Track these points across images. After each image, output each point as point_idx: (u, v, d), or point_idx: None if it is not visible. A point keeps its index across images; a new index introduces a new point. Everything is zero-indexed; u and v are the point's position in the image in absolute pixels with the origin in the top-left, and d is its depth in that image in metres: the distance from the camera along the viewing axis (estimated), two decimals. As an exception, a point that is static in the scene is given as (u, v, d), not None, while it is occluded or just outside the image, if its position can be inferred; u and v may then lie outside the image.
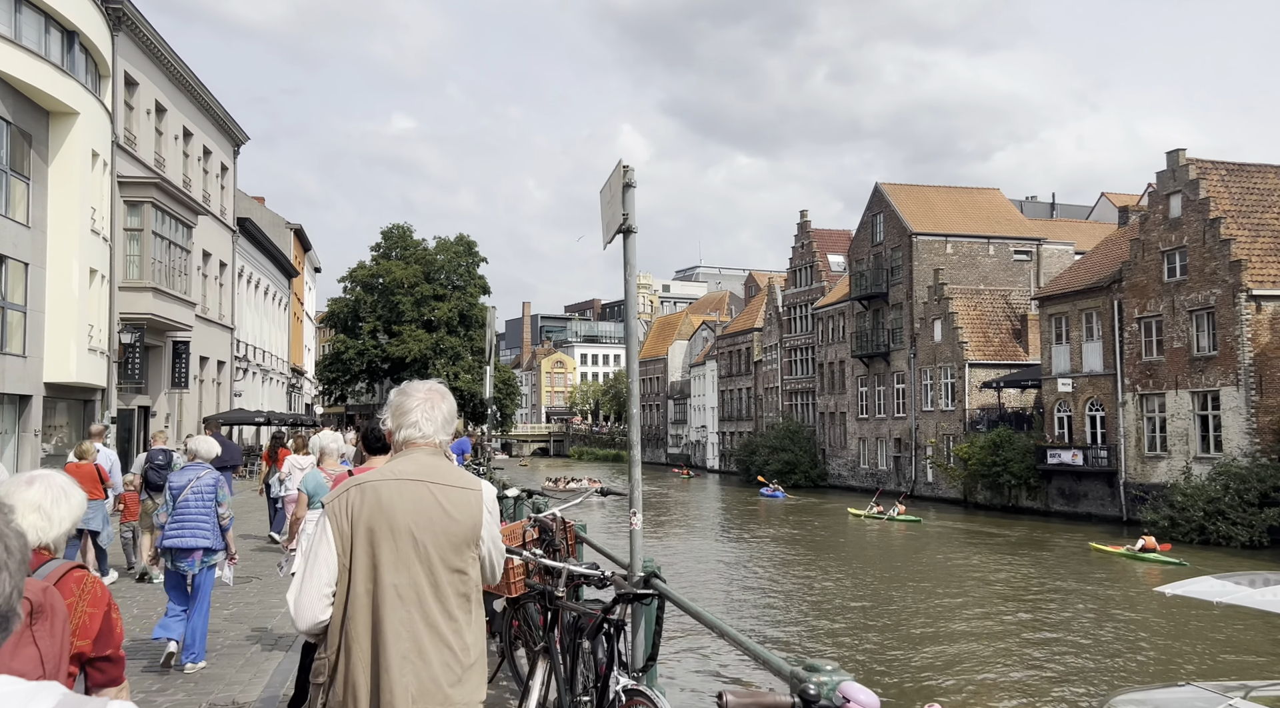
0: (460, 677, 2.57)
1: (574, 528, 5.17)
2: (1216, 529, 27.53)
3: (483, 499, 2.72)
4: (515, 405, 79.42)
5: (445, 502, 2.63)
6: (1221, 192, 31.31)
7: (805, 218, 62.27)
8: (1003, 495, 39.52)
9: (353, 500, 2.59)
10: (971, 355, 43.42)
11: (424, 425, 2.76)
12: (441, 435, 2.79)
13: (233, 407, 33.51)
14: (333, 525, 2.58)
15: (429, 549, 2.58)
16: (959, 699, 13.55)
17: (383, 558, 2.54)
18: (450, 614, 2.58)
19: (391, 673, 2.48)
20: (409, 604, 2.54)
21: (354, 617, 2.52)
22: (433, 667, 2.53)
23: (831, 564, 26.74)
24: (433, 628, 2.55)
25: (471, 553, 2.66)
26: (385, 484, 2.62)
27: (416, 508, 2.60)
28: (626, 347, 3.65)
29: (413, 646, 2.52)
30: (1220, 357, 30.02)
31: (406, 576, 2.55)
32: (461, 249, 71.05)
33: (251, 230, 36.94)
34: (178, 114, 28.56)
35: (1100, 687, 13.88)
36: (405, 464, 2.69)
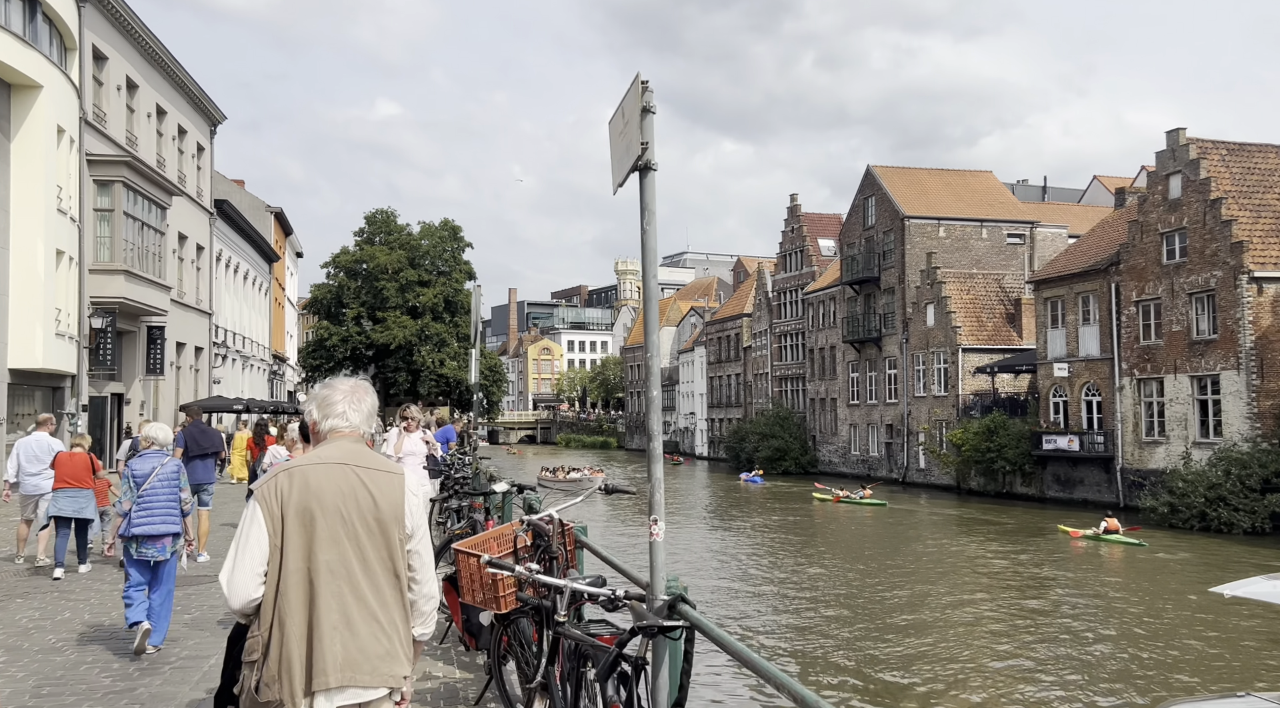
0: (388, 650, 2.70)
1: (574, 531, 4.44)
2: (1218, 516, 27.07)
3: (405, 482, 2.87)
4: (502, 393, 78.55)
5: (369, 483, 2.78)
6: (1222, 172, 30.75)
7: (795, 202, 61.53)
8: (997, 482, 39.04)
9: (282, 484, 2.73)
10: (965, 340, 42.87)
11: (351, 416, 2.92)
12: (364, 427, 2.94)
13: (211, 394, 32.60)
14: (264, 509, 2.70)
15: (356, 528, 2.72)
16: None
17: (315, 535, 2.68)
18: (379, 590, 2.72)
19: (323, 643, 2.61)
20: (339, 579, 2.68)
21: (286, 593, 2.65)
22: (361, 638, 2.66)
23: (812, 553, 26.25)
24: (361, 602, 2.69)
25: (397, 533, 2.79)
26: (312, 468, 2.77)
27: (342, 489, 2.74)
28: (645, 313, 2.93)
29: (342, 618, 2.65)
30: (1221, 340, 29.51)
31: (336, 552, 2.69)
32: (446, 234, 70.00)
33: (230, 213, 35.93)
34: (150, 91, 27.53)
35: (1142, 695, 13.29)
36: (330, 450, 2.85)
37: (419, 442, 9.68)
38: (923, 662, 14.66)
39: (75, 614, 8.40)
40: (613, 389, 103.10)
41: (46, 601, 9.02)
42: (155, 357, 26.97)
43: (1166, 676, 13.91)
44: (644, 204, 2.92)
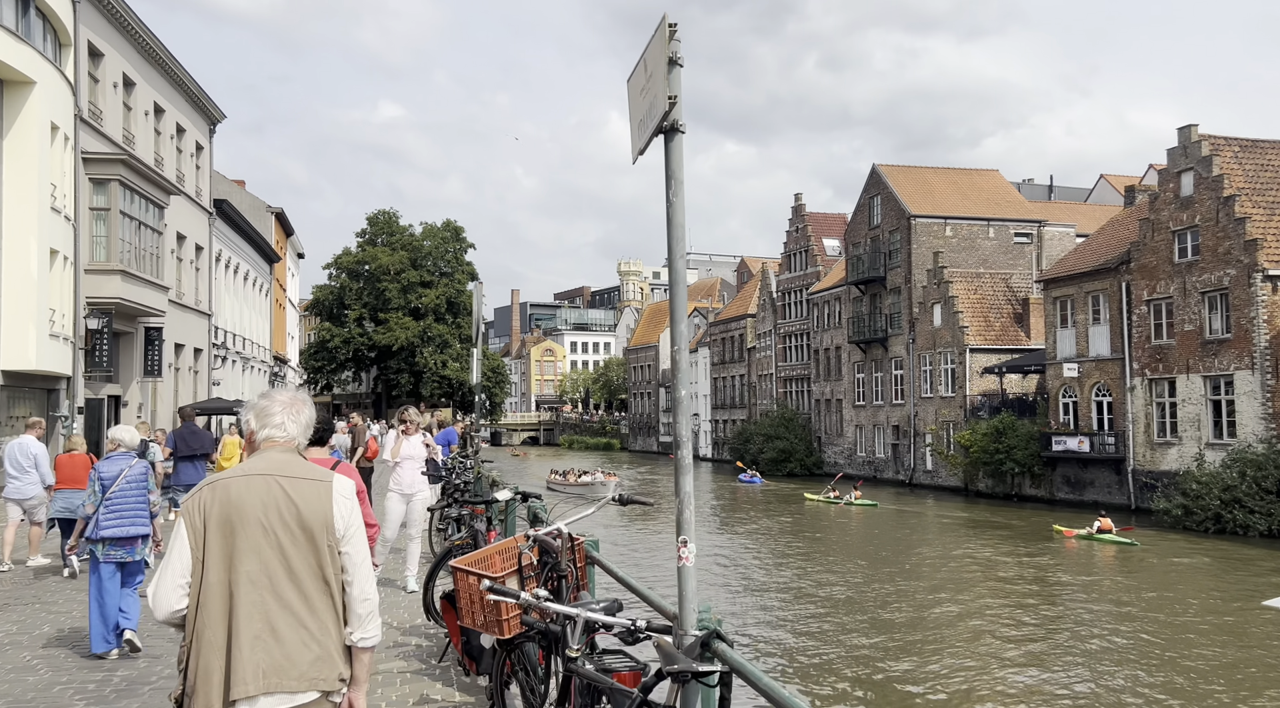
0: (319, 655, 2.73)
1: (584, 546, 4.01)
2: (1233, 518, 26.59)
3: (333, 489, 2.89)
4: (504, 394, 78.22)
5: (293, 493, 2.82)
6: (1235, 169, 30.27)
7: (800, 201, 61.08)
8: (1005, 484, 38.57)
9: (204, 498, 2.80)
10: (972, 340, 42.41)
11: (289, 426, 2.98)
12: (302, 438, 3.02)
13: (211, 396, 32.19)
14: (186, 522, 2.78)
15: (279, 537, 2.76)
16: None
17: (235, 547, 2.74)
18: (306, 597, 2.76)
19: (243, 653, 2.66)
20: (260, 589, 2.72)
21: (207, 604, 2.71)
22: (288, 646, 2.70)
23: (807, 554, 25.86)
24: (287, 610, 2.73)
25: (325, 541, 2.82)
26: (235, 481, 2.84)
27: (264, 500, 2.79)
28: (672, 297, 2.50)
29: (265, 626, 2.69)
30: (1234, 339, 29.04)
31: (258, 563, 2.74)
32: (449, 235, 69.71)
33: (229, 213, 35.54)
34: (148, 89, 27.14)
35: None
36: (257, 462, 2.91)
37: (418, 445, 9.30)
38: (929, 672, 14.23)
39: (55, 627, 8.00)
40: (616, 390, 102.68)
41: (28, 613, 8.62)
42: (153, 358, 26.56)
43: (1183, 683, 13.47)
44: (669, 171, 2.49)
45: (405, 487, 9.04)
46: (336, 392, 77.07)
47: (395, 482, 9.14)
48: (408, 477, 9.02)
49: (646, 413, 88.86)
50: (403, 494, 9.06)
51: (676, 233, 2.41)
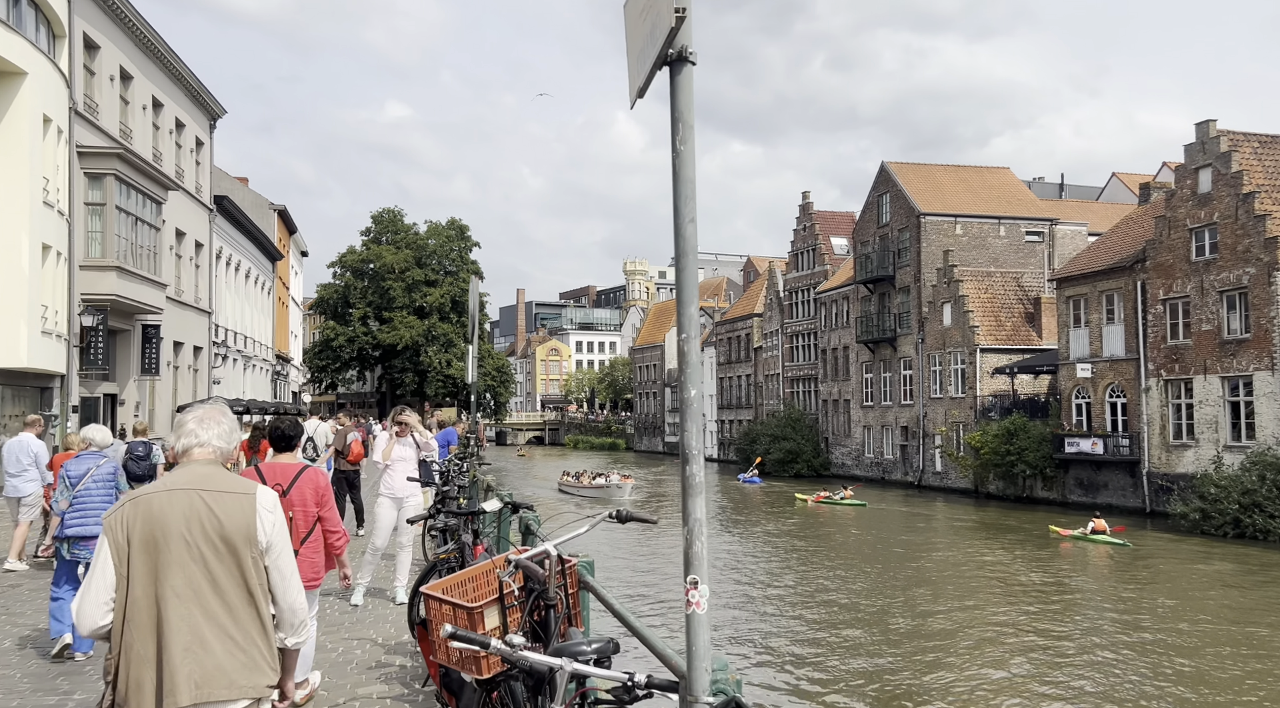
0: (246, 664, 2.80)
1: (577, 570, 3.49)
2: (1253, 522, 25.95)
3: (256, 502, 2.90)
4: (509, 394, 77.75)
5: (215, 506, 2.84)
6: (1254, 165, 29.61)
7: (808, 199, 60.48)
8: (1016, 486, 37.94)
9: (126, 514, 2.83)
10: (983, 340, 41.78)
11: (200, 433, 2.97)
12: (219, 443, 2.99)
13: (211, 395, 31.77)
14: (109, 540, 2.82)
15: (203, 551, 2.81)
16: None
17: (159, 562, 2.78)
18: (231, 608, 2.82)
19: (174, 664, 2.71)
20: (187, 602, 2.77)
21: (134, 619, 2.76)
22: (217, 656, 2.76)
23: (795, 553, 25.44)
24: (213, 621, 2.79)
25: (248, 552, 2.86)
26: (156, 496, 2.86)
27: (186, 515, 2.81)
28: (679, 272, 1.97)
29: (194, 638, 2.75)
30: (1254, 339, 28.38)
31: (182, 576, 2.78)
32: (454, 233, 69.27)
33: (230, 209, 35.11)
34: (145, 82, 26.71)
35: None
36: (179, 475, 2.93)
37: (410, 447, 8.79)
38: (926, 682, 13.67)
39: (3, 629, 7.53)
40: (621, 390, 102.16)
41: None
42: (150, 356, 26.14)
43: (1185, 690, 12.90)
44: (676, 112, 1.96)
45: (397, 491, 8.54)
46: (341, 391, 76.75)
47: (386, 485, 8.62)
48: (399, 480, 8.53)
49: (652, 413, 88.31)
50: (394, 498, 8.55)
51: (685, 189, 1.89)
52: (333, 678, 6.02)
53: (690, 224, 1.95)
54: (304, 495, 5.37)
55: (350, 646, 6.86)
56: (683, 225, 1.95)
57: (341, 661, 6.44)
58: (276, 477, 5.34)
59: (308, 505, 5.37)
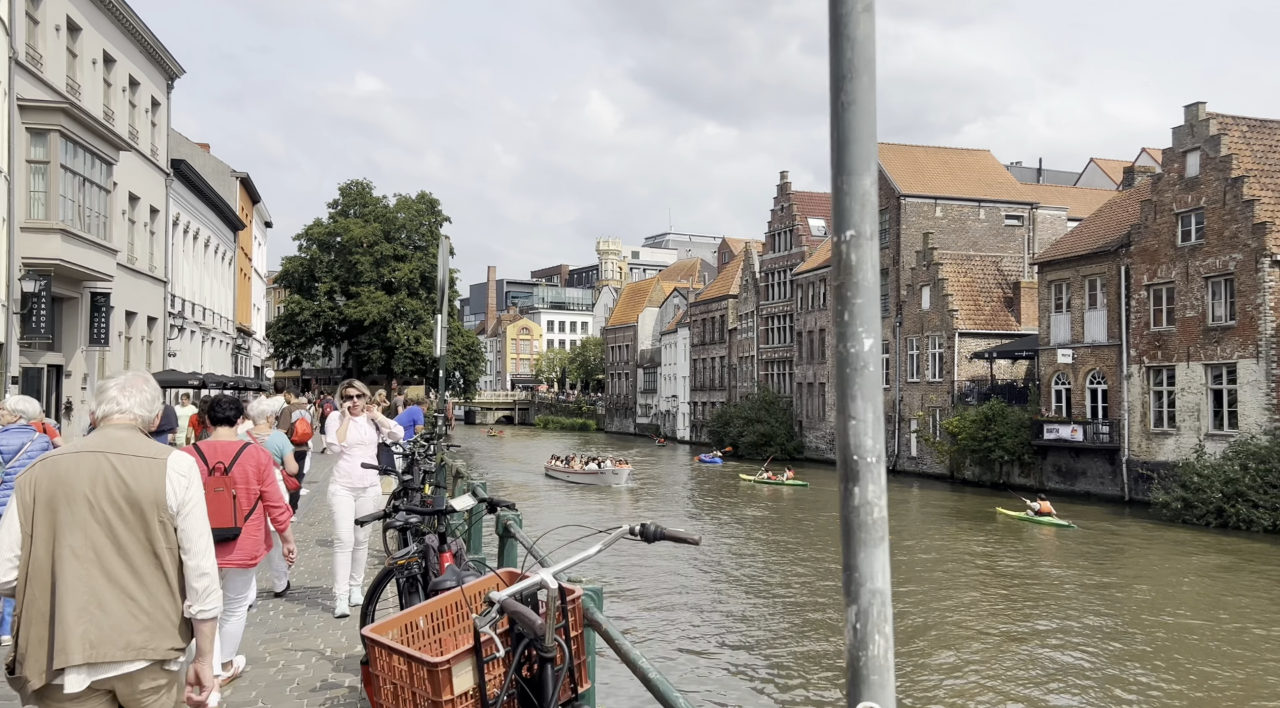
0: (147, 626, 2.82)
1: (582, 604, 2.54)
2: (1236, 512, 25.58)
3: (166, 466, 2.94)
4: (479, 372, 76.43)
5: (122, 470, 2.89)
6: (1243, 149, 29.12)
7: (786, 180, 59.61)
8: (993, 472, 37.53)
9: (35, 474, 2.89)
10: (961, 324, 41.26)
11: (121, 400, 3.04)
12: (140, 411, 3.06)
13: (166, 367, 30.38)
14: (17, 498, 2.87)
15: (107, 513, 2.84)
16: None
17: (60, 522, 2.82)
18: (135, 571, 2.85)
19: (67, 624, 2.74)
20: (86, 563, 2.80)
21: (34, 577, 2.80)
22: (114, 617, 2.78)
23: (736, 534, 24.64)
24: (115, 583, 2.82)
25: (156, 516, 2.88)
26: (64, 457, 2.91)
27: (92, 477, 2.86)
28: (843, 118, 1.12)
29: (91, 599, 2.78)
30: (1239, 327, 27.97)
31: (82, 536, 2.81)
32: (424, 207, 67.65)
33: (188, 174, 33.53)
34: (95, 35, 25.13)
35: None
36: (92, 439, 3.00)
37: (366, 428, 7.62)
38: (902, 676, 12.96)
39: None
40: (593, 371, 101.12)
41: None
42: (100, 326, 24.73)
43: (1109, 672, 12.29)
44: None
45: (354, 479, 7.42)
46: (306, 366, 75.08)
47: (341, 473, 7.47)
48: (357, 467, 7.40)
49: (623, 394, 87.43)
50: (350, 488, 7.44)
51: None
52: (269, 703, 5.05)
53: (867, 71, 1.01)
54: (246, 473, 5.43)
55: (292, 659, 5.87)
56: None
57: (281, 679, 5.45)
58: (217, 454, 5.39)
59: (250, 483, 5.43)
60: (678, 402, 74.53)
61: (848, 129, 0.98)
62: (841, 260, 1.00)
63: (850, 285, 1.00)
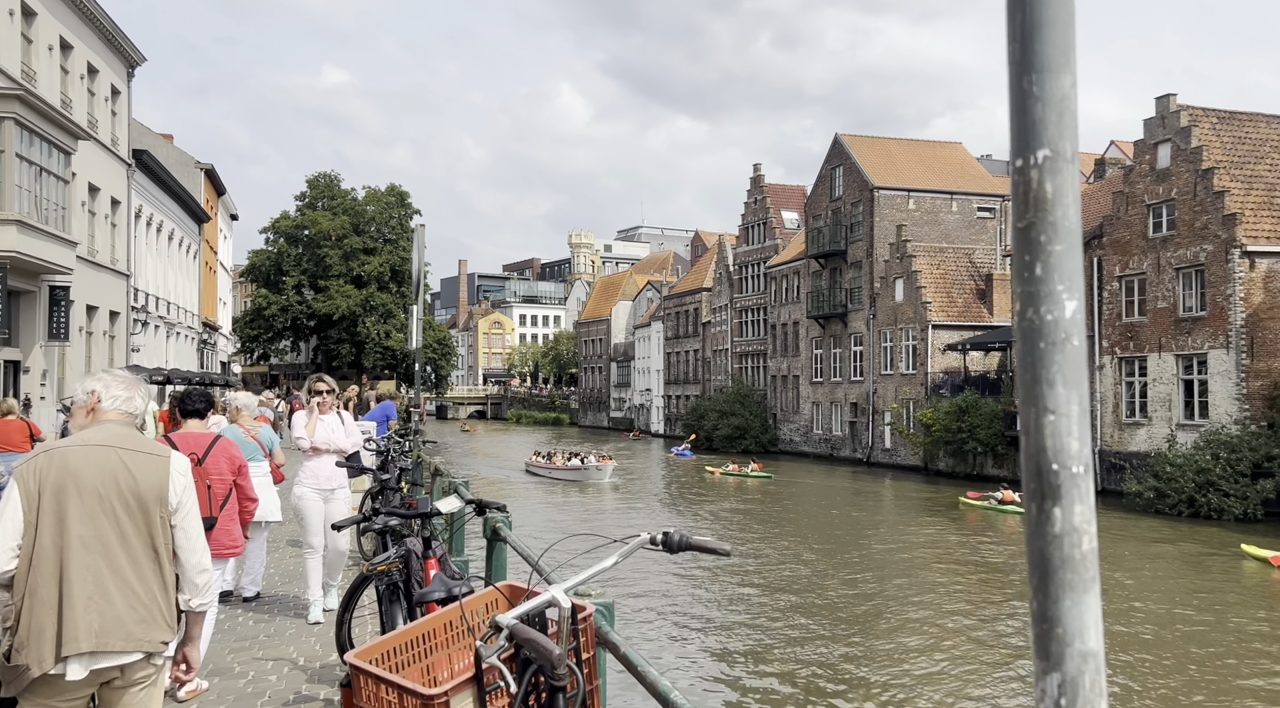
0: (144, 618, 2.89)
1: (593, 622, 2.25)
2: (1208, 501, 25.78)
3: (170, 464, 3.04)
4: (451, 367, 75.74)
5: (131, 465, 2.96)
6: (1213, 141, 29.32)
7: (759, 172, 59.49)
8: (967, 463, 37.67)
9: (40, 465, 2.91)
10: (935, 316, 41.34)
11: (136, 402, 3.14)
12: (138, 408, 3.16)
13: (129, 363, 29.65)
14: (20, 487, 2.87)
15: (115, 506, 2.91)
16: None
17: (69, 513, 2.87)
18: (137, 564, 2.92)
19: (76, 612, 2.80)
20: (94, 553, 2.86)
21: (40, 566, 2.82)
22: (117, 607, 2.85)
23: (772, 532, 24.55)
24: (118, 574, 2.88)
25: (158, 512, 2.97)
26: (74, 450, 2.96)
27: (103, 470, 2.92)
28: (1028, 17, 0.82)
29: (97, 589, 2.84)
30: (1210, 317, 28.18)
31: (91, 528, 2.87)
32: (393, 200, 66.81)
33: (151, 165, 32.72)
34: (52, 21, 24.38)
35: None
36: (96, 432, 3.03)
37: (335, 427, 7.10)
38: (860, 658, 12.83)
39: None
40: (566, 365, 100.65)
41: None
42: (59, 320, 24.03)
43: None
44: None
45: (321, 481, 6.91)
46: (274, 362, 73.99)
47: (309, 475, 6.92)
48: (325, 468, 6.93)
49: (597, 388, 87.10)
50: (318, 490, 6.93)
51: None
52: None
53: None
54: (219, 465, 5.48)
55: (263, 669, 5.53)
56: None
57: (251, 692, 5.12)
58: (190, 446, 5.39)
59: (224, 474, 5.49)
60: (652, 395, 74.35)
61: (1037, 10, 0.71)
62: (1031, 192, 0.73)
63: (1045, 226, 0.73)
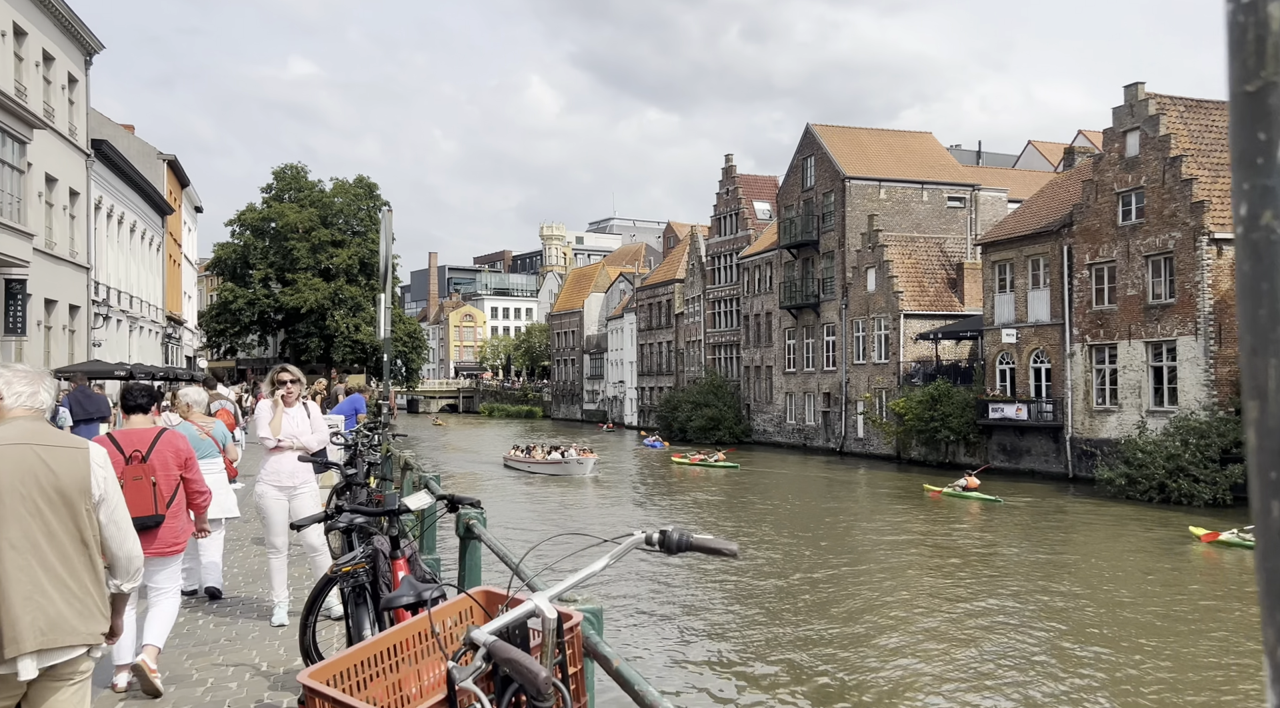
0: (82, 611, 2.91)
1: (581, 631, 2.02)
2: (1178, 487, 26.02)
3: (89, 456, 3.03)
4: (422, 360, 75.02)
5: (50, 460, 2.94)
6: (1181, 129, 29.53)
7: (731, 162, 59.34)
8: (939, 452, 37.82)
9: None
10: (907, 306, 41.44)
11: (42, 395, 3.08)
12: (47, 403, 3.10)
13: (91, 358, 28.94)
14: None
15: (38, 504, 2.89)
16: None
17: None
18: (67, 558, 2.92)
19: (15, 613, 2.77)
20: (24, 553, 2.84)
21: None
22: (58, 604, 2.85)
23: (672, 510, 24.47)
24: (51, 571, 2.88)
25: (82, 505, 2.97)
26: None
27: (21, 469, 2.89)
28: None
29: (34, 588, 2.83)
30: (1178, 304, 28.42)
31: (19, 529, 2.85)
32: (361, 192, 65.94)
33: (111, 156, 31.92)
34: (5, 6, 23.63)
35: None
36: (9, 430, 2.97)
37: (301, 421, 6.73)
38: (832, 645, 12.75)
39: None
40: (538, 357, 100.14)
41: None
42: (15, 314, 23.37)
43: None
44: None
45: (284, 478, 6.56)
46: (241, 356, 72.91)
47: (271, 472, 6.57)
48: (289, 464, 6.58)
49: (570, 380, 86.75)
50: (281, 488, 6.57)
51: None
52: (195, 728, 4.45)
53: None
54: (165, 459, 5.34)
55: (223, 676, 5.25)
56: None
57: (210, 700, 4.84)
58: (134, 443, 5.29)
59: (169, 469, 5.34)
60: (625, 387, 74.14)
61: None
62: (1270, 38, 0.42)
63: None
